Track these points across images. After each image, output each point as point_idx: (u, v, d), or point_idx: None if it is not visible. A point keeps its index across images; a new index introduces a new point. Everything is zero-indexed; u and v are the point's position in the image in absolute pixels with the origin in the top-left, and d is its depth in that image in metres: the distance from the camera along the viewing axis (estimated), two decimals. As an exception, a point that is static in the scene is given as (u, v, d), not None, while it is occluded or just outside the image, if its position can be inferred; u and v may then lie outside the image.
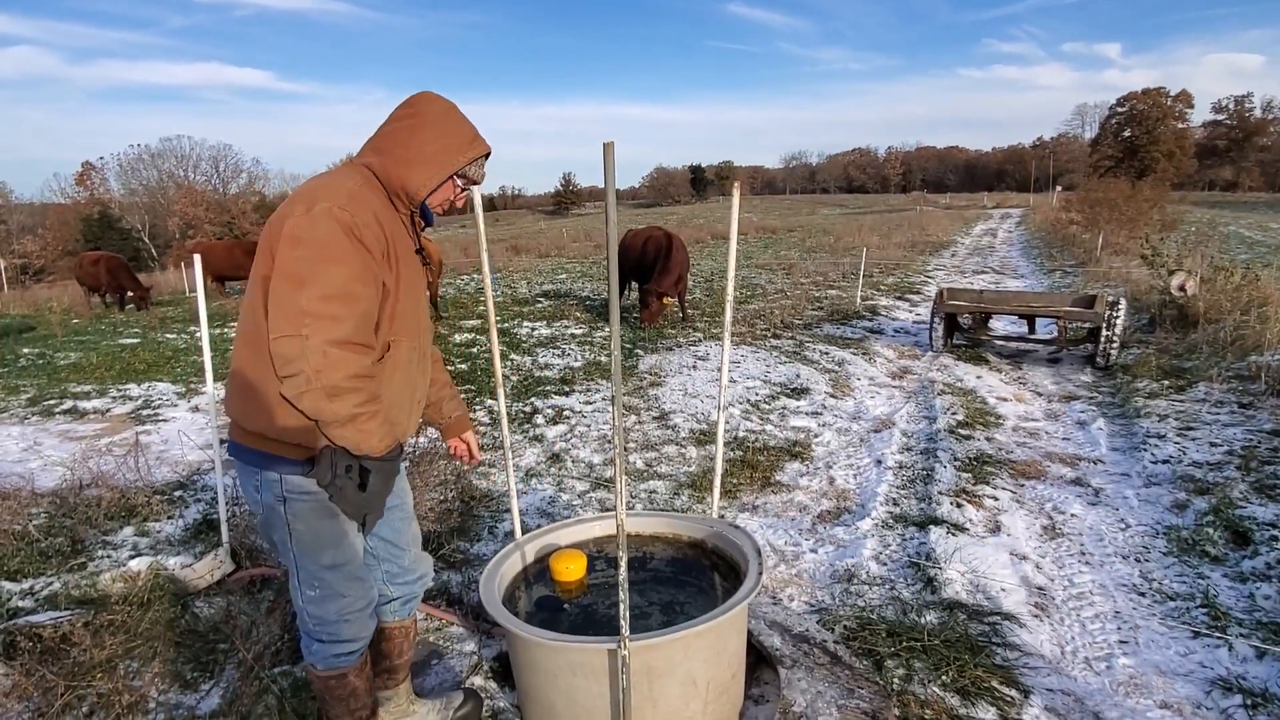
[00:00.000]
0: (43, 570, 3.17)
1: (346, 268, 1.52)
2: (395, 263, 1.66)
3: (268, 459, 1.65)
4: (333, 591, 1.76)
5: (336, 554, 1.74)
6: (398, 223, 1.71)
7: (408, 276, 1.71)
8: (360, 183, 1.65)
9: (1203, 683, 2.42)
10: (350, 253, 1.53)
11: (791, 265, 15.77)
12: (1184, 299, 7.34)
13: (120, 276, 13.34)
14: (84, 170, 48.18)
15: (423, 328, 1.85)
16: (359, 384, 1.53)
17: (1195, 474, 3.98)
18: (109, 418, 6.04)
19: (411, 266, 1.74)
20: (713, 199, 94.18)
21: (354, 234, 1.53)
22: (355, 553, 1.80)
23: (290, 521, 1.68)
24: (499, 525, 3.63)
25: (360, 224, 1.54)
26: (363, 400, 1.53)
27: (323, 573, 1.74)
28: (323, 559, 1.72)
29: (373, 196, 1.64)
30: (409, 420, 1.85)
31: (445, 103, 1.76)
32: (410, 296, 1.74)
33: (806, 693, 2.21)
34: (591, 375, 6.71)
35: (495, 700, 2.33)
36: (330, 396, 1.50)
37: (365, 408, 1.54)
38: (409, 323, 1.75)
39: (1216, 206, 39.05)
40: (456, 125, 1.74)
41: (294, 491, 1.65)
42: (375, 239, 1.58)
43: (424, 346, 1.87)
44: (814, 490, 4.10)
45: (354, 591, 1.80)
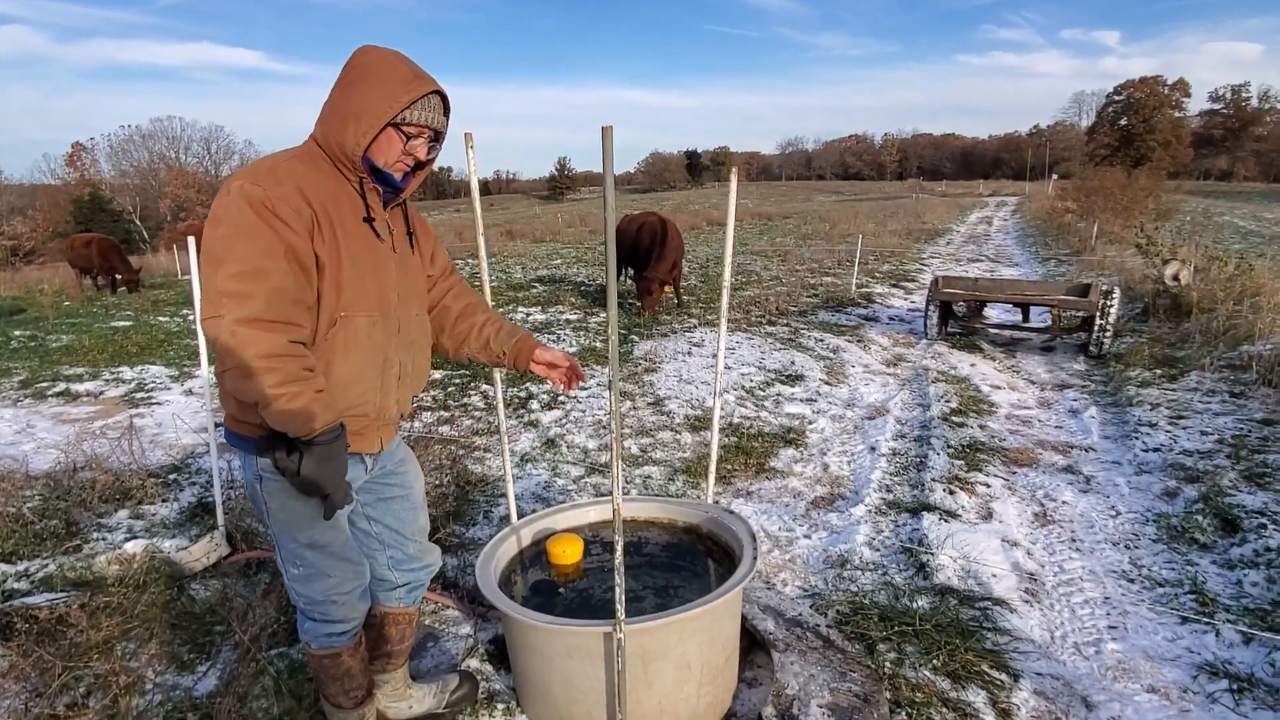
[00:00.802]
0: (37, 552, 3.17)
1: (255, 243, 1.46)
2: (333, 233, 1.57)
3: (244, 439, 1.65)
4: (316, 571, 1.76)
5: (314, 534, 1.71)
6: (341, 192, 1.62)
7: (357, 247, 1.62)
8: (293, 156, 1.60)
9: (1189, 667, 2.45)
10: (258, 228, 1.46)
11: (787, 252, 15.76)
12: (1177, 288, 7.37)
13: (112, 258, 13.24)
14: (74, 151, 47.65)
15: (398, 299, 1.73)
16: (274, 363, 1.45)
17: (1186, 462, 4.02)
18: (102, 400, 6.01)
19: (362, 237, 1.64)
20: (708, 185, 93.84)
21: (265, 207, 1.47)
22: (337, 534, 1.76)
23: (266, 500, 1.68)
24: (494, 510, 3.64)
25: (274, 198, 1.48)
26: (280, 380, 1.45)
27: (303, 551, 1.73)
28: (300, 538, 1.71)
29: (304, 168, 1.58)
30: (384, 399, 1.75)
31: (382, 52, 1.63)
32: (364, 267, 1.64)
33: (799, 676, 2.24)
34: (587, 361, 6.71)
35: (491, 683, 2.35)
36: (244, 376, 1.44)
37: (285, 388, 1.45)
38: (365, 294, 1.64)
39: (1211, 196, 39.14)
40: (392, 70, 1.60)
41: (265, 471, 1.65)
42: (295, 211, 1.50)
43: (402, 318, 1.75)
44: (808, 476, 4.12)
45: (340, 572, 1.79)
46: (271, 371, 1.44)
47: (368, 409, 1.71)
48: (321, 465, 1.51)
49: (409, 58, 1.65)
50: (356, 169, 1.63)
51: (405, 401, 1.85)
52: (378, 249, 1.68)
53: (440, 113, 1.67)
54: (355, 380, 1.67)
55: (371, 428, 1.77)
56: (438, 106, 1.66)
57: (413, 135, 1.65)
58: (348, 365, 1.64)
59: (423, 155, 1.69)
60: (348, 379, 1.65)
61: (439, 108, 1.67)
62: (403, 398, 1.83)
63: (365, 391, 1.69)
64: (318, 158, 1.63)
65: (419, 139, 1.66)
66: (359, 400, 1.69)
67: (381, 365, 1.72)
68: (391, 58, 1.62)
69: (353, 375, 1.66)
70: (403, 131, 1.63)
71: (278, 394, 1.45)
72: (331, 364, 1.62)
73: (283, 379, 1.45)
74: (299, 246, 1.51)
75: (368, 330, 1.66)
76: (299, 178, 1.55)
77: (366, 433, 1.76)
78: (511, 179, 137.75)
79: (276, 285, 1.47)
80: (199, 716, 2.21)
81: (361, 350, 1.66)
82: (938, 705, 2.24)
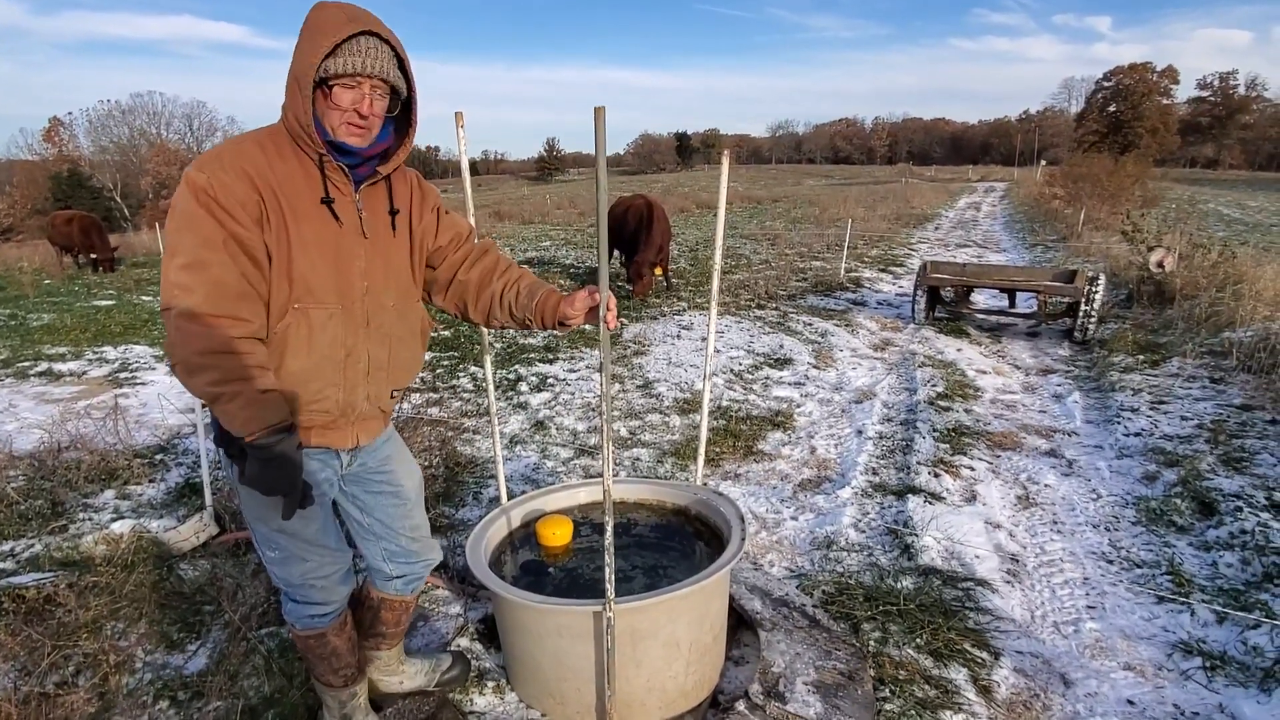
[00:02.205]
0: (23, 532, 3.16)
1: (196, 234, 1.39)
2: (282, 220, 1.47)
3: (218, 425, 1.60)
4: (292, 555, 1.73)
5: (284, 521, 1.62)
6: (300, 174, 1.51)
7: (311, 234, 1.51)
8: (250, 139, 1.51)
9: (1165, 646, 2.52)
10: (200, 218, 1.39)
11: (777, 236, 15.76)
12: (1162, 275, 7.45)
13: (93, 236, 13.04)
14: (52, 126, 46.52)
15: (367, 289, 1.62)
16: (212, 360, 1.38)
17: (1166, 447, 4.09)
18: (85, 380, 5.95)
19: (321, 222, 1.52)
20: (699, 167, 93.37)
21: (206, 195, 1.39)
22: (308, 523, 1.69)
23: (237, 486, 1.64)
24: (484, 491, 3.65)
25: (215, 185, 1.39)
26: (217, 378, 1.38)
27: (275, 536, 1.69)
28: (270, 523, 1.66)
29: (257, 152, 1.47)
30: (349, 394, 1.64)
31: (327, 4, 1.47)
32: (319, 255, 1.52)
33: (785, 654, 2.28)
34: (575, 343, 6.71)
35: (481, 661, 2.37)
36: (186, 372, 1.40)
37: (221, 387, 1.38)
38: (320, 285, 1.53)
39: (1197, 184, 39.41)
40: (322, 20, 1.44)
41: None
42: (238, 200, 1.41)
43: (372, 309, 1.63)
44: (795, 459, 4.16)
45: (316, 557, 1.75)
46: (209, 369, 1.38)
47: (329, 405, 1.62)
48: (264, 468, 1.44)
49: (356, 5, 1.49)
50: (315, 144, 1.49)
51: (380, 396, 1.72)
52: (340, 234, 1.56)
53: (380, 58, 1.47)
54: (312, 376, 1.57)
55: (340, 423, 1.68)
56: (374, 50, 1.46)
57: (349, 87, 1.47)
58: (300, 360, 1.55)
59: (365, 109, 1.49)
60: (301, 374, 1.56)
61: (376, 52, 1.47)
62: (375, 392, 1.70)
63: (323, 387, 1.60)
64: (280, 138, 1.52)
65: (354, 90, 1.48)
66: (317, 396, 1.60)
67: (344, 360, 1.61)
68: (331, 8, 1.46)
69: (307, 370, 1.56)
70: (331, 87, 1.46)
71: (215, 392, 1.39)
72: (284, 358, 1.53)
73: (220, 377, 1.39)
74: (243, 237, 1.43)
75: (323, 323, 1.55)
76: (249, 161, 1.45)
77: (336, 428, 1.69)
78: (500, 159, 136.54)
79: (216, 278, 1.40)
80: (189, 695, 2.22)
81: (316, 344, 1.55)
82: (920, 682, 2.28)
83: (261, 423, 1.42)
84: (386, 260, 1.66)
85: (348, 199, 1.58)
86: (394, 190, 1.67)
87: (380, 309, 1.65)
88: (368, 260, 1.61)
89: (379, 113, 1.53)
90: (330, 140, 1.51)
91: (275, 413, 1.44)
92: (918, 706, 2.19)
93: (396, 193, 1.68)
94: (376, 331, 1.66)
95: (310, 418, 1.61)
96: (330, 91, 1.48)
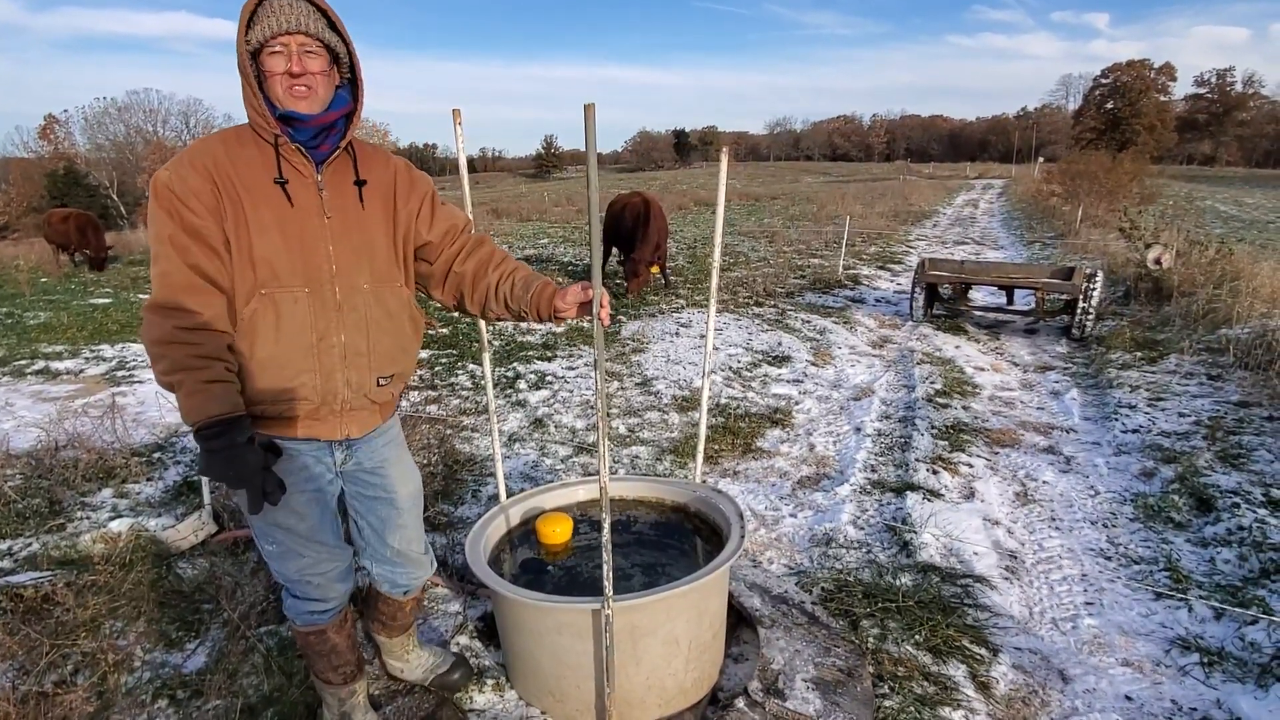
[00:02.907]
0: (20, 531, 3.15)
1: (154, 229, 1.46)
2: (239, 207, 1.48)
3: None
4: (289, 550, 1.73)
5: (282, 516, 1.66)
6: (257, 160, 1.51)
7: (267, 218, 1.50)
8: (218, 134, 1.54)
9: (1163, 642, 2.52)
10: (157, 215, 1.46)
11: (775, 233, 15.75)
12: (1159, 272, 7.46)
13: (89, 234, 13.00)
14: (47, 123, 46.31)
15: (332, 271, 1.58)
16: (161, 350, 1.43)
17: (1163, 443, 4.09)
18: (83, 379, 5.94)
19: (275, 205, 1.51)
20: (696, 164, 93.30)
21: (167, 190, 1.44)
22: (303, 519, 1.69)
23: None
24: (482, 489, 3.65)
25: (174, 179, 1.44)
26: (167, 368, 1.42)
27: (273, 530, 1.70)
28: (266, 518, 1.66)
29: (219, 145, 1.50)
30: (327, 381, 1.61)
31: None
32: (281, 239, 1.51)
33: (785, 651, 2.28)
34: (574, 341, 6.71)
35: (480, 659, 2.37)
36: (151, 362, 1.46)
37: (171, 375, 1.42)
38: (285, 270, 1.52)
39: (1194, 181, 39.46)
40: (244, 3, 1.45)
41: None
42: (193, 192, 1.44)
43: (344, 290, 1.60)
44: (794, 456, 4.16)
45: (312, 554, 1.75)
46: (160, 359, 1.43)
47: (306, 393, 1.59)
48: (210, 460, 1.43)
49: None
50: (270, 124, 1.49)
51: (363, 383, 1.66)
52: (302, 217, 1.53)
53: (296, 13, 1.45)
54: (283, 363, 1.55)
55: (324, 413, 1.65)
56: (288, 8, 1.44)
57: (276, 52, 1.45)
58: (268, 346, 1.53)
59: (296, 66, 1.46)
60: (273, 361, 1.54)
61: (291, 9, 1.45)
62: (357, 379, 1.65)
63: (298, 374, 1.57)
64: (243, 130, 1.54)
65: (282, 54, 1.45)
66: (292, 383, 1.57)
67: (315, 344, 1.57)
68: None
69: (277, 357, 1.54)
70: (269, 53, 1.45)
71: (166, 381, 1.44)
72: (254, 345, 1.53)
73: (169, 366, 1.42)
74: (198, 226, 1.45)
75: (290, 308, 1.54)
76: (209, 155, 1.48)
77: (320, 418, 1.66)
78: (498, 157, 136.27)
79: (163, 270, 1.46)
80: (189, 693, 2.22)
81: (285, 330, 1.54)
82: (919, 679, 2.29)
83: (202, 413, 1.42)
84: (356, 240, 1.62)
85: (308, 180, 1.55)
86: (359, 162, 1.63)
87: (353, 291, 1.61)
88: (334, 241, 1.58)
89: (314, 69, 1.49)
90: (282, 115, 1.49)
91: (219, 404, 1.43)
92: (917, 703, 2.19)
93: (362, 164, 1.63)
94: (351, 315, 1.61)
95: (291, 406, 1.60)
96: (262, 63, 1.47)
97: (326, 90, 1.53)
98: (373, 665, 2.28)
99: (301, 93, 1.49)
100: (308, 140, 1.53)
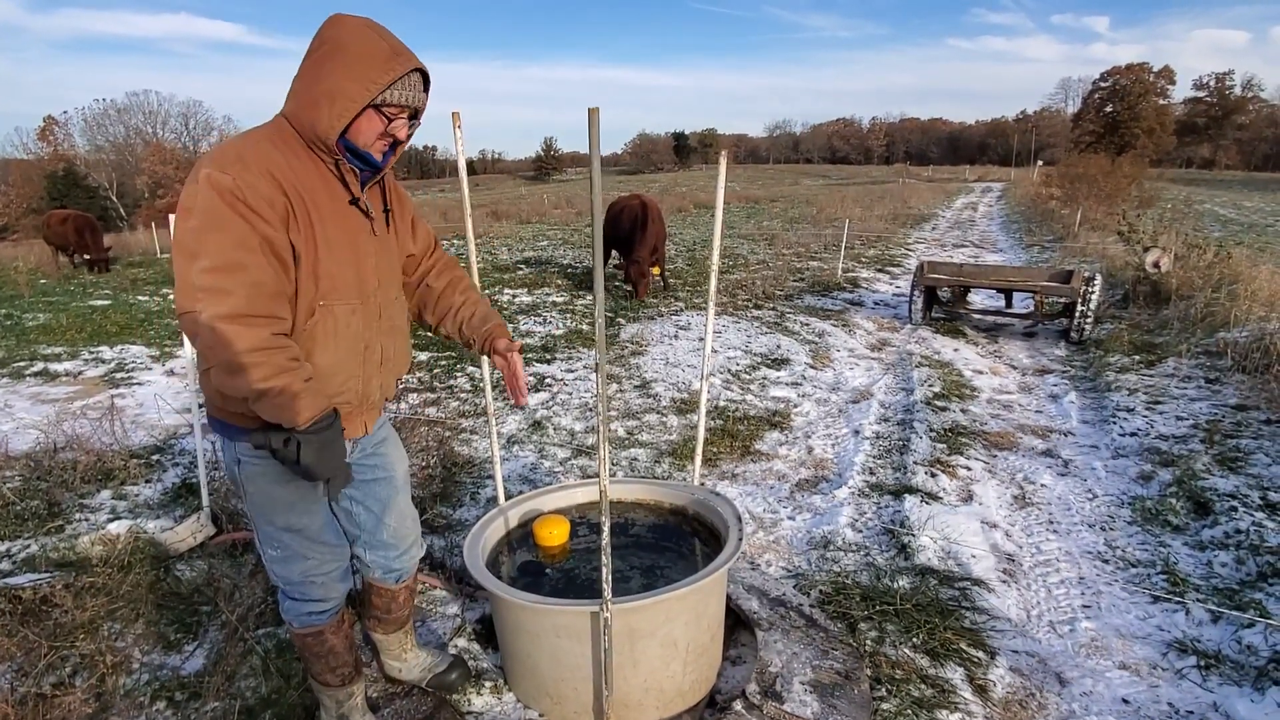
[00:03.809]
0: (19, 533, 3.15)
1: (228, 236, 1.40)
2: (308, 220, 1.52)
3: (224, 425, 1.64)
4: (294, 553, 1.77)
5: (291, 518, 1.72)
6: (316, 175, 1.55)
7: (334, 233, 1.57)
8: (263, 137, 1.52)
9: (1160, 645, 2.53)
10: (230, 219, 1.40)
11: (774, 236, 15.76)
12: (1158, 275, 7.47)
13: (88, 236, 13.00)
14: (47, 125, 46.32)
15: (376, 284, 1.70)
16: (260, 358, 1.42)
17: (1161, 446, 4.10)
18: (81, 380, 5.94)
19: (340, 221, 1.59)
20: (696, 166, 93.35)
21: (235, 197, 1.40)
22: (315, 518, 1.76)
23: (245, 484, 1.69)
24: (481, 491, 3.65)
25: (243, 186, 1.41)
26: (269, 373, 1.43)
27: (280, 534, 1.74)
28: (277, 521, 1.71)
29: (274, 151, 1.50)
30: (366, 385, 1.73)
31: (356, 22, 1.51)
32: (342, 254, 1.59)
33: (782, 654, 2.28)
34: (573, 343, 6.71)
35: (479, 661, 2.37)
36: (230, 372, 1.42)
37: (274, 380, 1.43)
38: (344, 282, 1.60)
39: (1193, 184, 39.50)
40: (367, 46, 1.49)
41: (245, 455, 1.64)
42: (268, 200, 1.44)
43: (383, 303, 1.73)
44: (793, 459, 4.17)
45: (317, 555, 1.79)
46: (259, 365, 1.42)
47: (350, 396, 1.69)
48: (321, 453, 1.49)
49: (383, 27, 1.55)
50: (332, 151, 1.55)
51: (389, 385, 1.83)
52: (358, 234, 1.63)
53: (420, 90, 1.59)
54: (337, 369, 1.64)
55: (355, 413, 1.76)
56: (418, 84, 1.57)
57: (393, 116, 1.56)
58: (328, 355, 1.61)
59: (403, 135, 1.61)
60: (329, 368, 1.62)
61: (419, 85, 1.58)
62: (385, 382, 1.81)
63: (347, 380, 1.67)
64: (289, 137, 1.55)
65: (399, 120, 1.58)
66: (342, 388, 1.67)
67: (363, 352, 1.69)
68: (366, 31, 1.51)
69: (334, 364, 1.63)
70: (383, 113, 1.54)
71: (267, 387, 1.43)
72: (312, 354, 1.58)
73: (271, 371, 1.43)
74: (273, 238, 1.46)
75: (347, 319, 1.63)
76: (269, 162, 1.47)
77: (350, 418, 1.75)
78: (497, 159, 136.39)
79: (255, 279, 1.43)
80: (187, 695, 2.22)
81: (342, 339, 1.63)
82: (917, 682, 2.29)
83: (315, 409, 1.49)
84: (389, 256, 1.76)
85: (360, 200, 1.66)
86: (386, 191, 1.78)
87: (389, 302, 1.76)
88: (378, 256, 1.71)
89: (404, 137, 1.62)
90: (351, 148, 1.58)
91: (323, 400, 1.52)
92: (914, 706, 2.19)
93: (387, 193, 1.78)
94: (386, 324, 1.76)
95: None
96: (372, 114, 1.54)
97: None
98: (370, 668, 2.28)
99: (383, 148, 1.62)
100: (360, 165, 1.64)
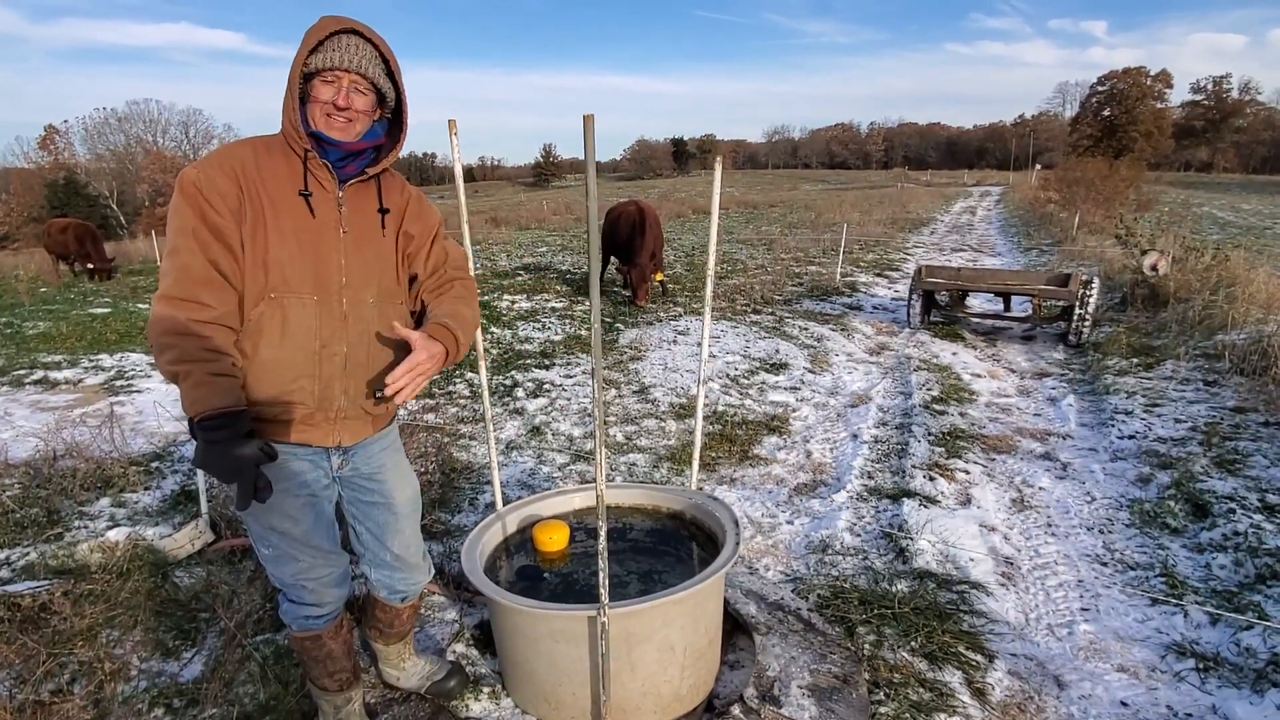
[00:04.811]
0: (18, 540, 3.15)
1: (175, 223, 1.51)
2: (260, 212, 1.54)
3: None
4: (285, 554, 1.75)
5: (273, 519, 1.69)
6: (285, 171, 1.58)
7: (289, 224, 1.57)
8: (248, 142, 1.60)
9: (1158, 647, 2.53)
10: (182, 209, 1.50)
11: (772, 240, 15.79)
12: (1156, 278, 7.48)
13: (88, 245, 13.03)
14: (47, 134, 46.47)
15: (343, 282, 1.63)
16: (171, 340, 1.45)
17: (1160, 449, 4.10)
18: (81, 388, 5.95)
19: (297, 214, 1.58)
20: (695, 172, 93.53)
21: (193, 187, 1.49)
22: (296, 523, 1.71)
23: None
24: (479, 497, 3.65)
25: (202, 179, 1.50)
26: (174, 358, 1.44)
27: (269, 534, 1.72)
28: (262, 521, 1.70)
29: (249, 153, 1.57)
30: (325, 388, 1.65)
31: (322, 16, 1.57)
32: (293, 247, 1.57)
33: (780, 658, 2.28)
34: (572, 349, 6.72)
35: (477, 667, 2.37)
36: (155, 353, 1.48)
37: (177, 366, 1.44)
38: (297, 275, 1.57)
39: (1191, 187, 39.56)
40: (312, 28, 1.54)
41: None
42: (221, 192, 1.50)
43: (351, 303, 1.65)
44: (791, 463, 4.17)
45: (308, 558, 1.77)
46: (169, 348, 1.45)
47: (304, 397, 1.63)
48: (208, 451, 1.45)
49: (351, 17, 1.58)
50: (301, 139, 1.57)
51: (358, 393, 1.70)
52: (320, 229, 1.60)
53: (359, 55, 1.55)
54: (284, 365, 1.59)
55: (318, 419, 1.67)
56: (353, 47, 1.55)
57: (328, 82, 1.55)
58: (273, 349, 1.58)
59: (342, 100, 1.55)
60: (273, 363, 1.59)
61: (355, 49, 1.55)
62: (354, 389, 1.69)
63: (297, 378, 1.61)
64: (274, 143, 1.61)
65: (333, 85, 1.56)
66: (290, 387, 1.61)
67: (319, 351, 1.62)
68: (326, 17, 1.56)
69: (279, 360, 1.59)
70: (322, 80, 1.55)
71: (171, 371, 1.46)
72: (257, 346, 1.57)
73: (177, 356, 1.45)
74: (218, 224, 1.50)
75: (299, 313, 1.59)
76: (236, 160, 1.55)
77: (314, 424, 1.68)
78: (496, 165, 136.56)
79: (184, 263, 1.49)
80: (185, 702, 2.22)
81: (290, 334, 1.58)
82: (915, 685, 2.29)
83: (206, 404, 1.44)
84: (369, 257, 1.69)
85: (329, 195, 1.63)
86: (384, 191, 1.72)
87: (359, 304, 1.67)
88: (347, 255, 1.65)
89: (359, 107, 1.59)
90: (312, 132, 1.58)
91: (223, 397, 1.46)
92: (912, 709, 2.19)
93: (387, 194, 1.73)
94: (356, 326, 1.67)
95: (287, 410, 1.63)
96: (312, 86, 1.57)
97: (363, 125, 1.63)
98: (369, 673, 2.28)
99: (339, 125, 1.59)
100: (335, 160, 1.63)
